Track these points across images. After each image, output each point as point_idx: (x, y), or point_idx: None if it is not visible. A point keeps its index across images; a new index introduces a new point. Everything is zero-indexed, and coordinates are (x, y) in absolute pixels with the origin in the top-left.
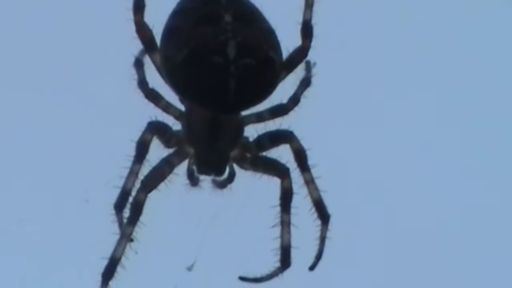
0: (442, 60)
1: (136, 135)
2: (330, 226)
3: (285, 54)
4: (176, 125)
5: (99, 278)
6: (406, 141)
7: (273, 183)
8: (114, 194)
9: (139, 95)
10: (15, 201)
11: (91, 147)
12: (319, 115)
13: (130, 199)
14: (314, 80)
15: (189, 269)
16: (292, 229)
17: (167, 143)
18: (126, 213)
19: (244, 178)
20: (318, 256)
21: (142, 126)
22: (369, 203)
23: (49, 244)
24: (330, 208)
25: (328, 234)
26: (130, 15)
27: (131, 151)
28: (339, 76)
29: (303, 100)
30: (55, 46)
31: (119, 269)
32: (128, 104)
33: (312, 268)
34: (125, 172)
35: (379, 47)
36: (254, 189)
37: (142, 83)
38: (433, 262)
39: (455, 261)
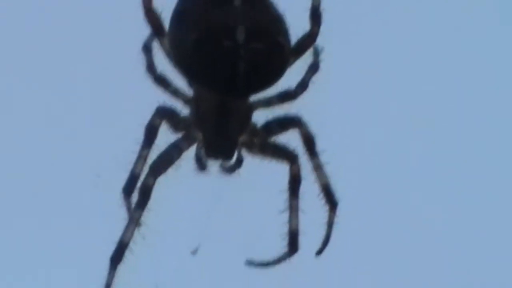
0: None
1: (145, 119)
2: (338, 212)
3: (293, 39)
4: (184, 110)
5: (107, 262)
6: (416, 126)
7: (282, 169)
8: (123, 179)
9: (148, 80)
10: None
11: (100, 133)
12: (328, 100)
13: (139, 183)
14: (322, 65)
15: (194, 253)
16: (300, 214)
17: (175, 128)
18: (135, 197)
19: (252, 163)
20: (325, 242)
21: (150, 111)
22: (377, 189)
23: (57, 229)
24: (338, 194)
25: (336, 220)
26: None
27: (140, 136)
28: (347, 62)
29: (311, 85)
30: (66, 32)
31: (127, 253)
32: (137, 89)
33: (319, 253)
34: (134, 156)
35: (388, 32)
36: (262, 174)
37: (151, 68)
38: (438, 249)
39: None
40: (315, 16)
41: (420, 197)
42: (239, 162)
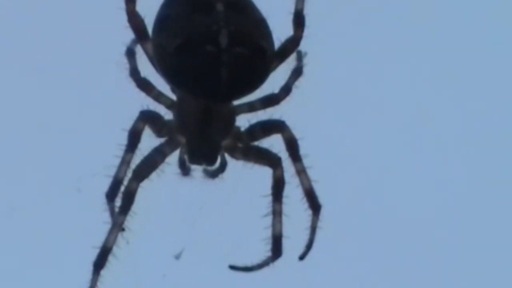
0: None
1: (128, 124)
2: (321, 216)
3: (277, 44)
4: (168, 115)
5: (90, 267)
6: (397, 130)
7: (265, 173)
8: (106, 184)
9: (131, 84)
10: (6, 191)
11: (83, 137)
12: (311, 104)
13: (122, 188)
14: (305, 70)
15: (177, 257)
16: (284, 218)
17: (159, 133)
18: (118, 202)
19: (235, 167)
20: (309, 246)
21: (134, 115)
22: (360, 194)
23: (40, 234)
24: (321, 199)
25: (319, 224)
26: (122, 4)
27: (123, 140)
28: (330, 66)
29: (294, 90)
30: (46, 36)
31: (110, 258)
32: (120, 93)
33: (302, 257)
34: (117, 161)
35: (370, 36)
36: (245, 178)
37: (134, 72)
38: (423, 251)
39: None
40: (299, 20)
41: (404, 200)
42: (223, 166)
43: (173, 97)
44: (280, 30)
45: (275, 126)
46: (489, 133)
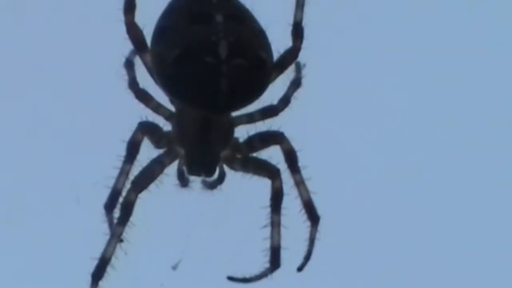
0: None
1: (127, 135)
2: (319, 228)
3: (275, 55)
4: (166, 126)
5: (89, 278)
6: (397, 143)
7: (264, 184)
8: (104, 194)
9: (130, 96)
10: (5, 200)
11: (82, 147)
12: (309, 116)
13: (121, 199)
14: (304, 81)
15: (174, 268)
16: (282, 229)
17: (157, 144)
18: (117, 213)
19: (234, 178)
20: (307, 257)
21: (132, 126)
22: (359, 205)
23: (38, 244)
24: (320, 210)
25: (318, 235)
26: (120, 15)
27: (122, 151)
28: (329, 77)
29: (293, 101)
30: (46, 47)
31: (109, 269)
32: (119, 104)
33: (300, 269)
34: (116, 172)
35: (369, 48)
36: (243, 189)
37: (133, 84)
38: (422, 265)
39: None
40: (297, 31)
41: (404, 213)
42: (221, 177)
43: (172, 108)
44: (279, 42)
45: (274, 137)
46: (488, 134)
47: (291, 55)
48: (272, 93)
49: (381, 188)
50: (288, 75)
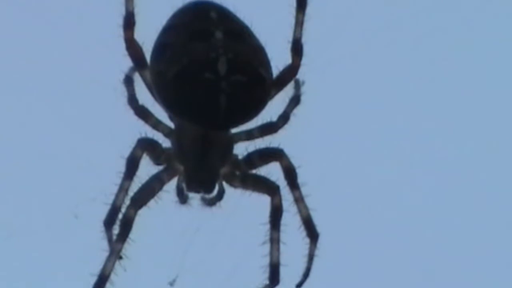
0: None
1: (126, 151)
2: (318, 244)
3: (275, 72)
4: (166, 142)
5: None
6: (396, 158)
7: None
8: (103, 211)
9: (129, 112)
10: (3, 217)
11: (81, 164)
12: (309, 133)
13: (120, 215)
14: (303, 98)
15: (171, 284)
16: (281, 246)
17: (156, 160)
18: (116, 229)
19: (233, 195)
20: (306, 274)
21: (132, 142)
22: (358, 222)
23: (37, 261)
24: (319, 227)
25: (317, 252)
26: (120, 31)
27: (121, 168)
28: (328, 94)
29: (292, 118)
30: (45, 63)
31: (108, 285)
32: (118, 121)
33: (299, 285)
34: (115, 188)
35: (367, 65)
36: (242, 206)
37: (132, 100)
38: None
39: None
40: (297, 48)
41: (402, 231)
42: (220, 194)
43: (171, 124)
44: (278, 58)
45: (273, 154)
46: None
47: (290, 72)
48: (272, 110)
49: (381, 206)
50: (287, 92)
